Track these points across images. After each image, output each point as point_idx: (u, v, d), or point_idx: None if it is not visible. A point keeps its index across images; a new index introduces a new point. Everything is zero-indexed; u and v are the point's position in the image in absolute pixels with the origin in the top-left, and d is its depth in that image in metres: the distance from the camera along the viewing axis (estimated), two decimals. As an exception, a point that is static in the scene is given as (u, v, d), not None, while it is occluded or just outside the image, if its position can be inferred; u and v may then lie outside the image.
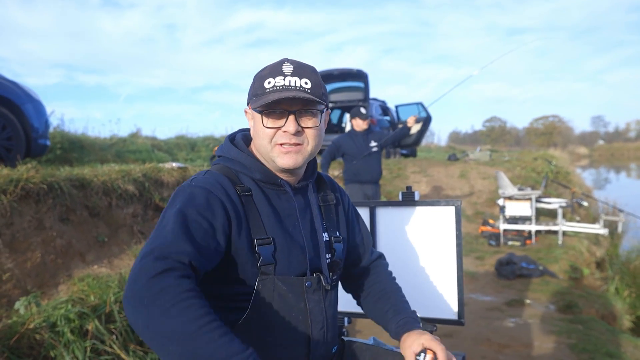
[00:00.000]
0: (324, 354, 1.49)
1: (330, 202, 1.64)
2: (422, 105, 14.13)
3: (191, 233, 1.25)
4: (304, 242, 1.46)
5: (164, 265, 1.16)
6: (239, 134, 1.60)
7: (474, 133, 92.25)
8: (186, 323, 1.10)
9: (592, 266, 7.66)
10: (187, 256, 1.21)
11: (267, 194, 1.47)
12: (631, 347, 4.41)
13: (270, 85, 1.40)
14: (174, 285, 1.14)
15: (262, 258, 1.37)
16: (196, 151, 13.29)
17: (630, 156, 62.98)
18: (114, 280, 3.65)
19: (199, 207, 1.31)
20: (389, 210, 2.41)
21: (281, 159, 1.43)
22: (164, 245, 1.20)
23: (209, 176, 1.42)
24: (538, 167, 11.85)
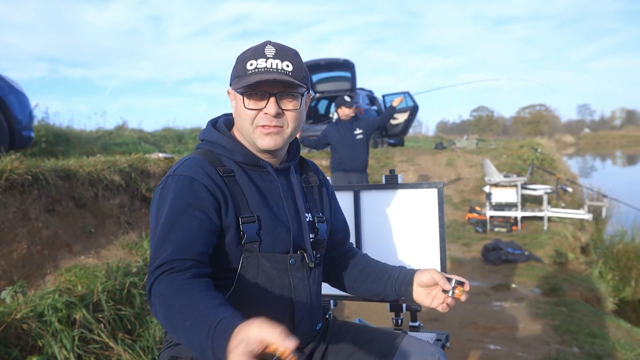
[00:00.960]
0: (308, 330, 1.52)
1: (313, 184, 1.66)
2: (410, 95, 14.17)
3: (186, 230, 1.31)
4: (287, 221, 1.49)
5: (160, 270, 1.26)
6: (221, 118, 1.62)
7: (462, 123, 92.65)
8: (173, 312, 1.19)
9: (576, 251, 7.78)
10: (181, 250, 1.29)
11: (250, 175, 1.49)
12: (614, 328, 4.51)
13: (252, 67, 1.42)
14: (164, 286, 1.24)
15: (246, 236, 1.40)
16: (183, 143, 13.22)
17: (616, 144, 63.72)
18: (102, 271, 3.66)
19: (186, 199, 1.35)
20: (372, 194, 2.43)
21: (262, 140, 1.45)
22: (161, 254, 1.28)
23: (190, 162, 1.44)
24: (524, 155, 11.96)
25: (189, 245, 1.30)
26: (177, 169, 1.43)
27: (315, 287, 1.57)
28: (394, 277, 1.64)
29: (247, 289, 1.41)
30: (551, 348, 3.77)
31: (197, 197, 1.35)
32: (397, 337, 1.56)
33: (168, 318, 1.19)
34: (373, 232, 2.42)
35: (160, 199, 1.39)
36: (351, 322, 1.70)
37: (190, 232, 1.31)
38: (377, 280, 1.68)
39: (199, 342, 1.10)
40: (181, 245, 1.29)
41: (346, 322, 1.70)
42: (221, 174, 1.43)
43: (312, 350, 1.56)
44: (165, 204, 1.36)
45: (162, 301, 1.21)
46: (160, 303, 1.21)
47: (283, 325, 1.46)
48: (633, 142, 64.86)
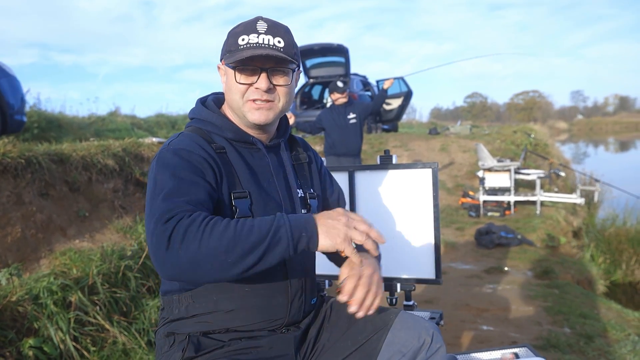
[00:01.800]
0: (303, 305, 1.53)
1: (303, 160, 1.67)
2: (404, 80, 14.14)
3: (189, 189, 1.28)
4: (279, 196, 1.50)
5: (175, 218, 1.19)
6: (210, 96, 1.63)
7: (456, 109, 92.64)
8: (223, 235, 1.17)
9: (569, 235, 7.85)
10: (193, 203, 1.25)
11: (241, 151, 1.50)
12: (604, 309, 4.57)
13: (244, 42, 1.42)
14: (191, 222, 1.18)
15: (238, 210, 1.40)
16: (177, 129, 13.16)
17: (609, 130, 63.96)
18: (97, 254, 3.66)
19: (186, 167, 1.33)
20: (367, 174, 2.44)
21: (252, 115, 1.45)
22: (162, 212, 1.21)
23: (184, 137, 1.44)
24: (517, 140, 12.00)
25: (199, 206, 1.26)
26: (171, 142, 1.42)
27: (310, 262, 1.58)
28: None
29: None
30: (543, 329, 3.82)
31: (198, 166, 1.34)
32: (392, 313, 1.58)
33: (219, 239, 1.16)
34: (368, 212, 2.44)
35: (159, 168, 1.33)
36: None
37: (197, 194, 1.28)
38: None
39: (275, 226, 1.20)
40: (190, 200, 1.26)
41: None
42: (214, 150, 1.44)
43: (307, 325, 1.57)
44: (164, 171, 1.31)
45: (202, 231, 1.16)
46: (200, 233, 1.16)
47: (277, 299, 1.49)
48: (626, 129, 65.16)
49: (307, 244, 1.24)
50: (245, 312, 1.45)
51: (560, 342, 3.52)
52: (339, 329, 1.59)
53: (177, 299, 1.47)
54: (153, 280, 3.83)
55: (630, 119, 77.32)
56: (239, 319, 1.44)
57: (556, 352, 3.38)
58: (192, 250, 1.15)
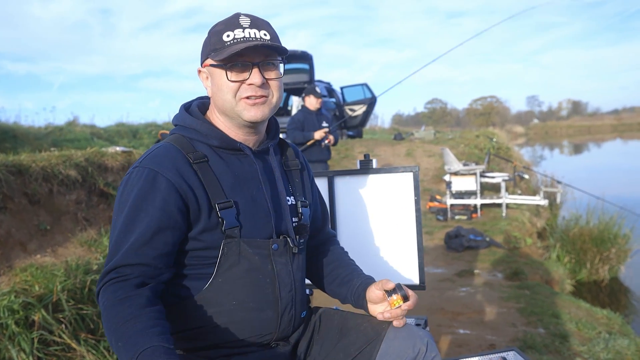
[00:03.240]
0: (293, 319, 1.46)
1: (294, 167, 1.60)
2: (367, 86, 14.23)
3: (142, 230, 1.28)
4: (267, 204, 1.42)
5: (109, 278, 1.24)
6: (195, 101, 1.54)
7: (417, 115, 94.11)
8: (112, 327, 1.19)
9: (534, 236, 8.00)
10: (138, 258, 1.26)
11: (226, 159, 1.42)
12: (574, 308, 4.64)
13: (229, 39, 1.35)
14: (113, 292, 1.22)
15: (225, 222, 1.34)
16: (138, 138, 12.87)
17: (563, 134, 66.14)
18: (60, 269, 3.49)
19: (146, 197, 1.30)
20: (347, 179, 2.39)
21: (248, 112, 1.38)
22: (113, 257, 1.26)
23: (158, 152, 1.37)
24: (480, 144, 12.22)
25: (141, 248, 1.26)
26: (144, 159, 1.36)
27: (299, 274, 1.51)
28: (354, 287, 1.56)
29: (229, 276, 1.36)
30: (518, 330, 3.84)
31: (158, 194, 1.30)
32: (384, 323, 1.52)
33: (107, 332, 1.21)
34: (348, 218, 2.38)
35: (123, 194, 1.33)
36: (335, 310, 1.65)
37: (145, 234, 1.27)
38: (341, 286, 1.62)
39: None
40: (134, 247, 1.26)
41: (330, 310, 1.64)
42: (192, 161, 1.36)
43: (297, 339, 1.50)
44: (126, 200, 1.31)
45: (104, 314, 1.22)
46: (103, 315, 1.22)
47: (267, 313, 1.42)
48: (578, 132, 67.53)
49: None
50: (234, 327, 1.37)
51: (536, 343, 3.54)
52: (330, 342, 1.52)
53: None
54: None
55: (583, 122, 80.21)
56: (226, 334, 1.36)
57: (533, 353, 3.39)
58: (102, 313, 1.23)
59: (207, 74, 1.44)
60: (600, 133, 62.80)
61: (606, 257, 6.61)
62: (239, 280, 1.36)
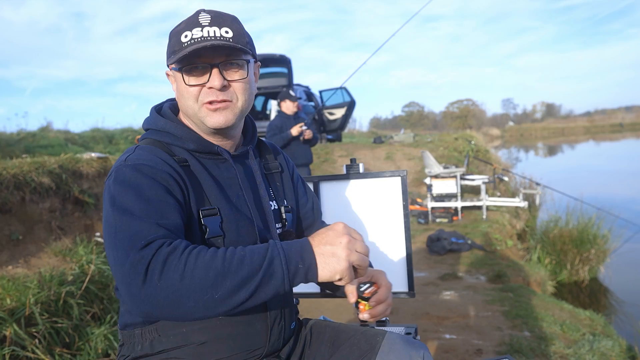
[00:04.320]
0: (283, 331, 1.38)
1: (274, 169, 1.52)
2: (346, 90, 14.21)
3: (160, 210, 1.12)
4: (250, 212, 1.35)
5: (152, 245, 1.03)
6: (166, 103, 1.45)
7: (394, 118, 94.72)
8: (209, 266, 1.02)
9: (514, 237, 8.04)
10: (167, 227, 1.10)
11: (204, 164, 1.34)
12: (557, 310, 4.65)
13: (187, 39, 1.26)
14: (172, 250, 1.03)
15: (209, 230, 1.25)
16: (114, 144, 12.61)
17: (538, 136, 67.25)
18: (33, 281, 3.34)
19: (151, 186, 1.15)
20: (333, 185, 2.32)
21: (210, 118, 1.29)
22: (135, 237, 1.05)
23: (142, 152, 1.26)
24: (459, 147, 12.29)
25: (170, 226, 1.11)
26: (128, 157, 1.23)
27: (288, 286, 1.44)
28: None
29: None
30: (504, 334, 3.82)
31: (164, 183, 1.18)
32: (378, 335, 1.45)
33: (205, 272, 1.00)
34: (335, 224, 2.31)
35: (117, 188, 1.16)
36: (326, 321, 1.58)
37: (170, 217, 1.12)
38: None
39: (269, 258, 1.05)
40: (162, 223, 1.10)
41: (320, 322, 1.57)
42: (177, 163, 1.27)
43: (288, 354, 1.42)
44: (126, 191, 1.14)
45: (185, 261, 1.00)
46: (182, 264, 1.00)
47: (255, 327, 1.34)
48: (553, 134, 68.74)
49: (304, 276, 1.09)
50: (220, 344, 1.28)
51: (523, 346, 3.51)
52: (322, 356, 1.45)
53: (140, 333, 1.28)
54: (98, 306, 3.55)
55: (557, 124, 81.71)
56: (213, 351, 1.28)
57: (520, 357, 3.37)
58: (173, 284, 0.99)
59: (173, 77, 1.35)
60: (574, 135, 64.02)
61: (586, 258, 6.67)
62: None
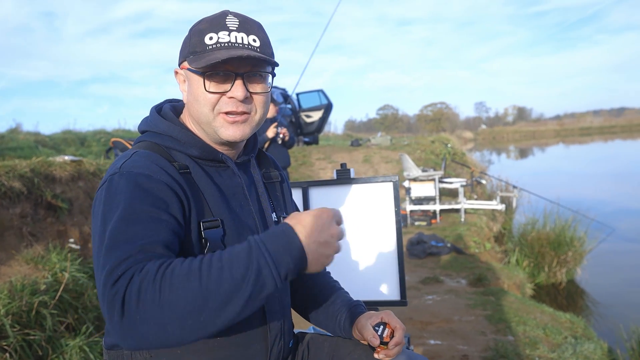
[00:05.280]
0: (282, 349, 1.30)
1: (275, 179, 1.45)
2: (323, 93, 14.18)
3: (146, 228, 1.02)
4: (254, 223, 1.27)
5: (125, 275, 0.93)
6: (166, 104, 1.35)
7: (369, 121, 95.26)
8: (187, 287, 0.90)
9: (491, 240, 8.09)
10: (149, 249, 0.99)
11: (207, 171, 1.25)
12: (539, 313, 4.66)
13: (212, 42, 1.17)
14: (144, 277, 0.92)
15: (209, 244, 1.15)
16: (86, 146, 12.33)
17: (509, 138, 68.37)
18: (3, 290, 3.19)
19: (144, 199, 1.05)
20: (323, 190, 2.26)
21: (226, 130, 1.20)
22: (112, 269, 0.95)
23: (139, 158, 1.15)
24: (436, 150, 12.36)
25: (158, 249, 1.00)
26: (123, 165, 1.12)
27: (287, 299, 1.36)
28: (341, 319, 1.42)
29: None
30: (488, 339, 3.80)
31: (160, 195, 1.07)
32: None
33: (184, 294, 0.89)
34: (324, 231, 2.24)
35: (108, 200, 1.06)
36: (323, 335, 1.51)
37: (158, 235, 1.02)
38: (326, 315, 1.46)
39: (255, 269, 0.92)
40: (147, 243, 0.99)
41: (317, 336, 1.50)
42: (177, 169, 1.17)
43: (286, 372, 1.34)
44: (116, 206, 1.04)
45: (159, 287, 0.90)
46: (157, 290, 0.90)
47: (255, 347, 1.26)
48: (524, 137, 70.02)
49: (293, 276, 0.99)
50: None
51: (508, 351, 3.50)
52: (322, 373, 1.38)
53: (130, 355, 1.19)
54: (72, 316, 3.41)
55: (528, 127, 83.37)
56: (208, 375, 1.19)
57: (506, 363, 3.35)
58: (153, 314, 0.89)
59: (184, 77, 1.25)
60: (544, 138, 65.35)
61: (563, 260, 6.74)
62: None
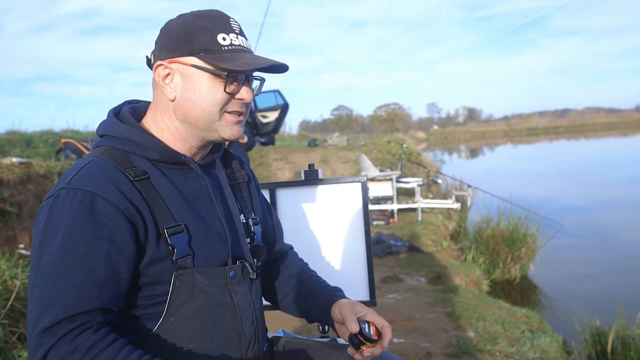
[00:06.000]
0: (257, 354, 1.27)
1: (241, 179, 1.42)
2: (279, 93, 14.13)
3: (89, 268, 1.03)
4: (221, 225, 1.24)
5: (50, 336, 0.98)
6: (125, 107, 1.30)
7: (324, 121, 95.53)
8: None
9: (447, 238, 8.25)
10: (93, 302, 1.02)
11: (168, 175, 1.21)
12: (496, 309, 4.78)
13: (226, 43, 1.16)
14: (69, 354, 0.98)
15: (177, 250, 1.13)
16: (33, 147, 11.82)
17: (461, 139, 70.08)
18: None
19: (87, 227, 1.05)
20: (290, 191, 2.23)
21: (230, 130, 1.21)
22: (41, 312, 0.99)
23: (90, 170, 1.11)
24: (392, 150, 12.52)
25: (94, 291, 1.02)
26: (72, 179, 1.09)
27: (259, 302, 1.33)
28: (318, 302, 1.41)
29: (182, 315, 1.15)
30: (450, 335, 3.86)
31: (103, 222, 1.06)
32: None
33: None
34: (293, 232, 2.21)
35: (48, 224, 1.05)
36: (298, 339, 1.48)
37: (95, 272, 1.03)
38: (304, 302, 1.45)
39: None
40: (84, 291, 1.01)
41: (293, 340, 1.48)
42: (132, 179, 1.13)
43: (262, 378, 1.31)
44: (55, 231, 1.04)
45: None
46: None
47: (229, 353, 1.22)
48: (474, 137, 71.96)
49: None
50: None
51: (470, 347, 3.56)
52: (300, 377, 1.35)
53: None
54: (24, 326, 3.25)
55: (478, 128, 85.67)
56: (183, 385, 1.15)
57: (469, 358, 3.41)
58: None
59: (174, 73, 1.19)
60: (494, 138, 67.35)
61: (517, 256, 6.95)
62: (194, 317, 1.16)
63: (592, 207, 12.25)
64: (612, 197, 13.38)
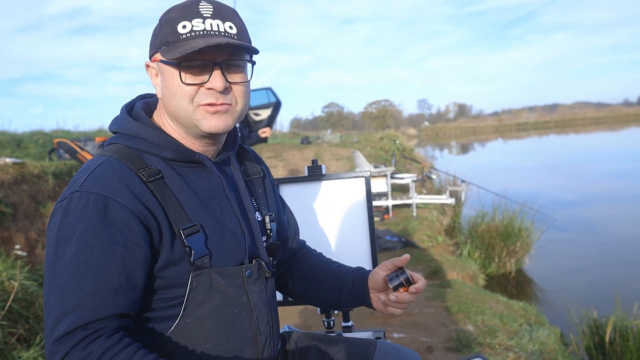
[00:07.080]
0: (272, 353, 1.27)
1: (256, 175, 1.40)
2: (272, 90, 14.08)
3: (104, 275, 1.03)
4: (237, 224, 1.23)
5: (65, 344, 0.99)
6: (138, 102, 1.28)
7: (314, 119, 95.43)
8: None
9: (442, 233, 8.29)
10: (108, 310, 1.03)
11: (182, 174, 1.19)
12: (494, 302, 4.81)
13: (186, 30, 1.11)
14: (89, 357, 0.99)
15: (194, 251, 1.12)
16: (23, 148, 11.68)
17: (451, 135, 70.31)
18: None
19: (101, 232, 1.04)
20: (294, 188, 2.23)
21: (208, 122, 1.15)
22: (57, 319, 1.00)
23: (102, 171, 1.10)
24: (385, 146, 12.53)
25: (109, 298, 1.02)
26: (84, 182, 1.08)
27: (274, 301, 1.33)
28: (349, 285, 1.41)
29: (199, 315, 1.14)
30: (450, 329, 3.88)
31: (117, 227, 1.05)
32: (370, 345, 1.39)
33: None
34: (297, 229, 2.22)
35: (62, 229, 1.05)
36: (310, 333, 1.48)
37: (110, 279, 1.03)
38: (332, 287, 1.45)
39: None
40: (99, 298, 1.01)
41: (304, 335, 1.48)
42: (145, 180, 1.12)
43: (275, 374, 1.31)
44: (69, 238, 1.03)
45: None
46: None
47: (246, 353, 1.21)
48: (465, 133, 72.20)
49: None
50: None
51: (470, 341, 3.59)
52: (312, 372, 1.35)
53: None
54: (23, 327, 3.23)
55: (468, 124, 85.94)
56: (198, 384, 1.14)
57: (469, 352, 3.43)
58: None
59: (156, 71, 1.19)
60: (484, 133, 67.60)
61: (512, 250, 6.99)
62: (211, 318, 1.15)
63: (582, 201, 12.35)
64: (602, 190, 13.49)
